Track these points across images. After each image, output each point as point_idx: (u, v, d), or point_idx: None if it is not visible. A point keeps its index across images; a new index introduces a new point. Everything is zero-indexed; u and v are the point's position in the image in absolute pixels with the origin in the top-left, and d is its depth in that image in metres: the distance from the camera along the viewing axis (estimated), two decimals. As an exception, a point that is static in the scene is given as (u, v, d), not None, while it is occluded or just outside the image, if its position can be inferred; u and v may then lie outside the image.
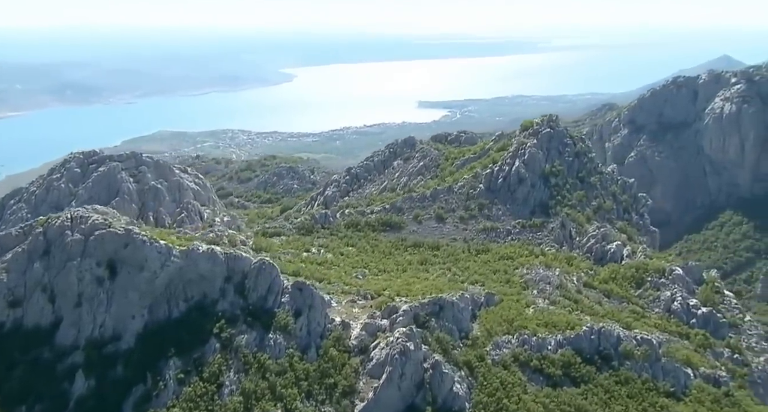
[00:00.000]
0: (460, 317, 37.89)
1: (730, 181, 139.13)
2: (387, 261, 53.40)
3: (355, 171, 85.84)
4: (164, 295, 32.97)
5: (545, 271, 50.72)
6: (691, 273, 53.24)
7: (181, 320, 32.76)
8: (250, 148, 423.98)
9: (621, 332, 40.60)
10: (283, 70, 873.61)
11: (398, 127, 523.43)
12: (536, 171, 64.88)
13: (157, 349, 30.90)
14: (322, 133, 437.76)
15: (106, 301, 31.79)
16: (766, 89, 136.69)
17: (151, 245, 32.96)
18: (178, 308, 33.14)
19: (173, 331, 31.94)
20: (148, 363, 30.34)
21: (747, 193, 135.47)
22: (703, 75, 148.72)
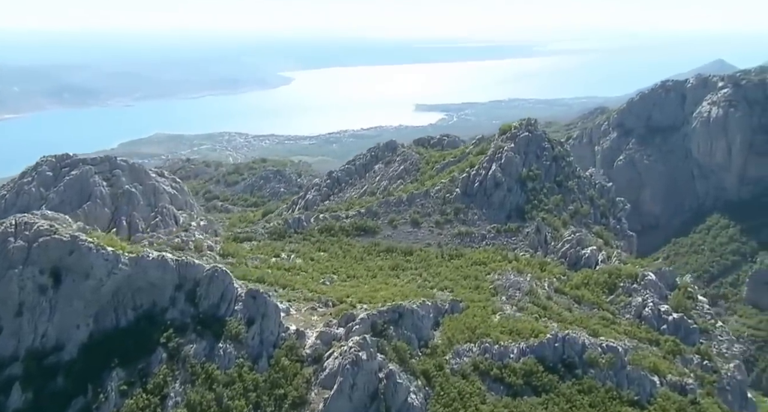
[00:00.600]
0: (420, 325, 37.25)
1: (717, 184, 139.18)
2: (357, 267, 52.77)
3: (336, 175, 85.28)
4: (111, 303, 32.27)
5: (516, 277, 50.15)
6: (665, 278, 52.65)
7: (128, 329, 32.05)
8: (246, 151, 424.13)
9: (587, 340, 39.97)
10: (281, 73, 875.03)
11: (395, 130, 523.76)
12: (513, 175, 64.37)
13: (101, 359, 30.16)
14: (320, 136, 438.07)
15: (49, 310, 31.05)
16: (752, 94, 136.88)
17: (98, 252, 32.27)
18: (126, 317, 32.46)
19: (119, 341, 31.22)
20: (90, 374, 29.62)
21: (734, 197, 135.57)
22: (691, 79, 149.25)
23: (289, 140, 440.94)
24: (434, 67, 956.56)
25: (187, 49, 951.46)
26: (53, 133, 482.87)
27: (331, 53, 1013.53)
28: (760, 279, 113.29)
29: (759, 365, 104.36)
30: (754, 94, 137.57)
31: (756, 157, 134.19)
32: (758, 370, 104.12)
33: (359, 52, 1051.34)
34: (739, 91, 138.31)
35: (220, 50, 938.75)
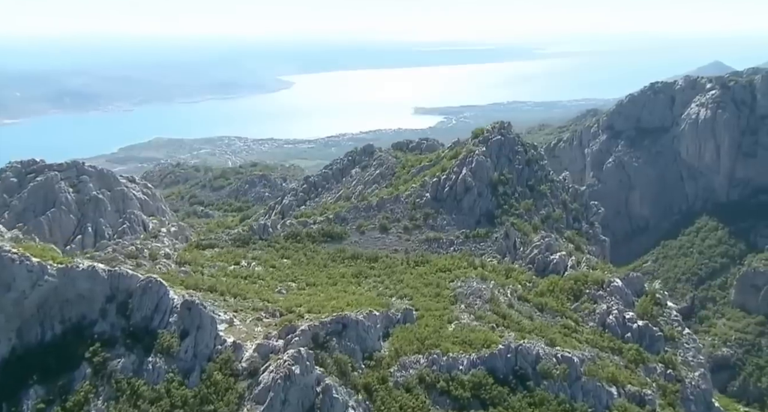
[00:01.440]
0: (364, 336, 36.17)
1: (706, 186, 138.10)
2: (319, 274, 51.76)
3: (313, 180, 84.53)
4: (36, 317, 31.28)
5: (479, 284, 49.08)
6: (632, 285, 51.57)
7: (53, 343, 31.04)
8: (245, 155, 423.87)
9: (542, 350, 38.87)
10: (281, 77, 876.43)
11: (393, 134, 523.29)
12: (484, 179, 63.34)
13: (20, 376, 29.15)
14: (318, 140, 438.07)
15: (-33, 324, 30.13)
16: (740, 95, 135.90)
17: (21, 263, 31.28)
18: (52, 331, 31.44)
19: (41, 356, 30.18)
20: (6, 393, 28.60)
21: (723, 199, 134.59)
22: (680, 81, 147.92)
23: (288, 144, 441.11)
24: (434, 70, 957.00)
25: (187, 53, 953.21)
26: (54, 138, 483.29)
27: (331, 57, 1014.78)
28: (747, 282, 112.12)
29: (746, 369, 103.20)
30: (742, 96, 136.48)
31: (744, 159, 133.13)
32: (745, 374, 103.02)
33: (359, 55, 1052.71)
34: (727, 93, 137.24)
35: (219, 55, 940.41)
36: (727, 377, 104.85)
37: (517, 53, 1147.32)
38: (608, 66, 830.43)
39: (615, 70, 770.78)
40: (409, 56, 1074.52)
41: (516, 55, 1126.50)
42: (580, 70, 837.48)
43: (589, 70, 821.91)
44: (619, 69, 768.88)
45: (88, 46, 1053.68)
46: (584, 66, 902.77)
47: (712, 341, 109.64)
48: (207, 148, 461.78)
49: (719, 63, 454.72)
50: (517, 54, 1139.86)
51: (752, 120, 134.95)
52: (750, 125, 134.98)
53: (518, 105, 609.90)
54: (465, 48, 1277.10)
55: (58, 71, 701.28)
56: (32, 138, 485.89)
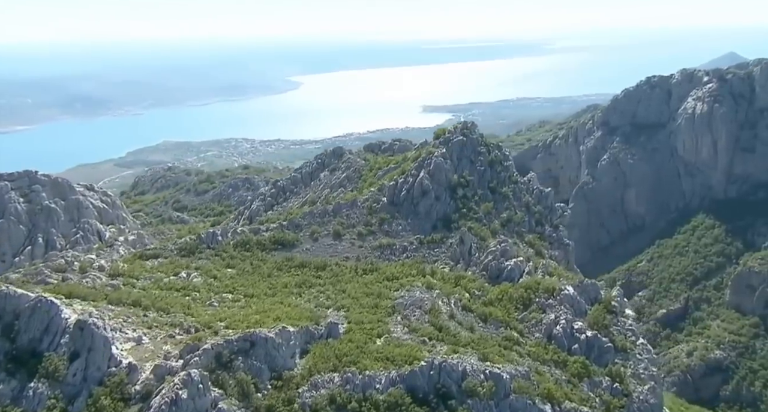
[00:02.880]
0: (274, 354, 34.24)
1: (703, 183, 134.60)
2: (260, 284, 49.91)
3: (281, 184, 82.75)
4: None
5: (423, 293, 46.91)
6: (586, 292, 49.06)
7: (-72, 368, 29.58)
8: (252, 157, 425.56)
9: (470, 366, 36.65)
10: (289, 78, 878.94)
11: (401, 132, 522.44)
12: (442, 182, 61.09)
13: None
14: (325, 140, 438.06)
15: None
16: (738, 88, 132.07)
17: None
18: (-71, 355, 30.02)
19: None
20: None
21: (721, 195, 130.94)
22: (677, 74, 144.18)
23: (294, 145, 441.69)
24: (442, 68, 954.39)
25: (195, 56, 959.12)
26: (65, 143, 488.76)
27: (339, 57, 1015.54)
28: (742, 282, 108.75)
29: (739, 373, 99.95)
30: (740, 89, 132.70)
31: (742, 154, 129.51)
32: (738, 378, 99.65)
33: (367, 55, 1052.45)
34: (724, 86, 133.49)
35: (227, 57, 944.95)
36: (720, 380, 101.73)
37: (526, 49, 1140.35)
38: (620, 60, 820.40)
39: (627, 64, 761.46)
40: (417, 54, 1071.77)
41: (525, 51, 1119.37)
42: (590, 66, 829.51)
43: (600, 65, 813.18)
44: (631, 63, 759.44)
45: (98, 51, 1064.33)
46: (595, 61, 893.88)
47: (705, 344, 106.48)
48: (214, 151, 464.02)
49: (734, 54, 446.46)
50: (526, 50, 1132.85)
51: (751, 113, 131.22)
52: (749, 119, 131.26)
53: (527, 101, 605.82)
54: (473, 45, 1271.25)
55: (68, 77, 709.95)
56: (43, 144, 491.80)
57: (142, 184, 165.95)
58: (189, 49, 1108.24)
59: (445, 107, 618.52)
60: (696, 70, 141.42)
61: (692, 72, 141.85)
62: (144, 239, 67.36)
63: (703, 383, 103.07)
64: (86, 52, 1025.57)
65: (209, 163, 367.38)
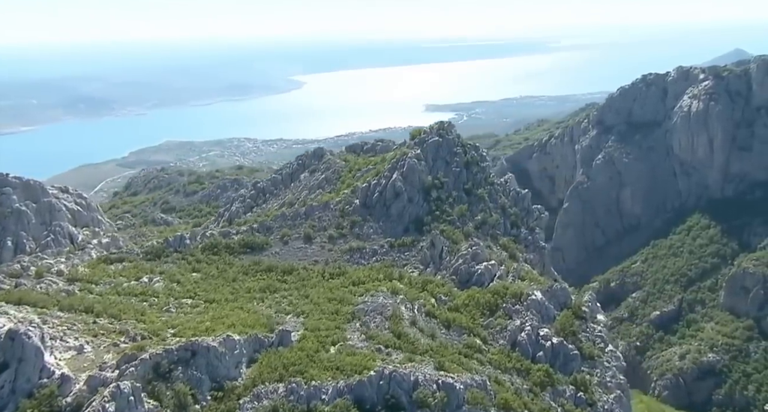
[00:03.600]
0: (216, 364, 33.12)
1: (700, 182, 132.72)
2: (224, 289, 48.88)
3: (261, 185, 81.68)
4: None
5: (387, 298, 45.70)
6: (555, 297, 47.75)
7: None
8: (254, 157, 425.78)
9: (423, 375, 35.38)
10: (292, 77, 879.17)
11: (403, 132, 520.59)
12: (415, 184, 59.85)
13: None
14: (327, 139, 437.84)
15: None
16: (734, 86, 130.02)
17: None
18: None
19: None
20: None
21: (717, 195, 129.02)
22: (672, 72, 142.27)
23: (297, 144, 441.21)
24: (446, 66, 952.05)
25: (199, 56, 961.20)
26: (69, 144, 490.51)
27: (343, 56, 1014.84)
28: (737, 283, 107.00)
29: (732, 377, 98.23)
30: (736, 86, 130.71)
31: (739, 153, 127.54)
32: (731, 381, 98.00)
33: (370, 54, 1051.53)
34: (720, 84, 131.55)
35: (231, 57, 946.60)
36: (713, 384, 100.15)
37: (530, 47, 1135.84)
38: (625, 58, 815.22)
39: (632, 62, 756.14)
40: (421, 53, 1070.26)
41: (529, 49, 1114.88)
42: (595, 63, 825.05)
43: (605, 62, 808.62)
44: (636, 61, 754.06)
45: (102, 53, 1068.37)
46: (600, 59, 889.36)
47: (698, 347, 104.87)
48: (216, 151, 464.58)
49: (740, 51, 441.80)
50: (531, 48, 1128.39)
51: (747, 111, 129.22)
52: (745, 117, 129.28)
53: (530, 100, 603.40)
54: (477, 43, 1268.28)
55: (72, 78, 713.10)
56: (46, 144, 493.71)
57: (135, 184, 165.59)
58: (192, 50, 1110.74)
59: (448, 106, 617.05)
60: (692, 68, 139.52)
61: (688, 69, 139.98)
62: (119, 242, 66.44)
63: (695, 386, 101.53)
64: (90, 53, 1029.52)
65: (211, 163, 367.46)
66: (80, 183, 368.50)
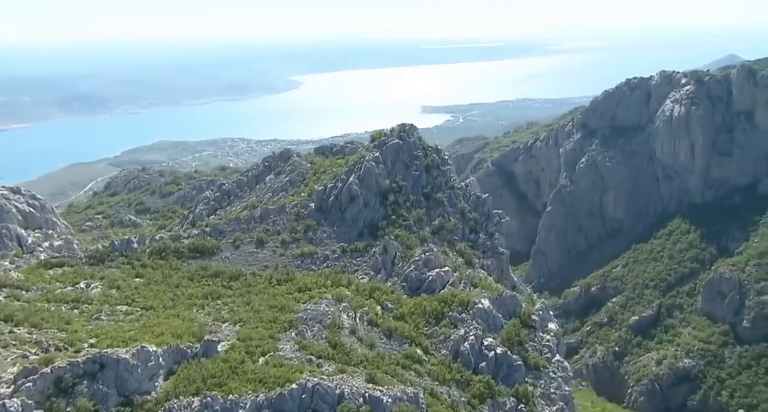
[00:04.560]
0: (127, 377, 31.74)
1: (681, 187, 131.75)
2: (164, 296, 47.42)
3: (226, 187, 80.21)
4: None
5: (330, 306, 44.35)
6: (505, 305, 46.43)
7: None
8: (248, 157, 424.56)
9: (350, 388, 34.06)
10: (290, 77, 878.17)
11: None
12: (372, 188, 58.46)
13: None
14: (322, 140, 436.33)
15: None
16: (715, 90, 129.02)
17: None
18: None
19: None
20: None
21: (698, 200, 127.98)
22: (656, 76, 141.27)
23: (291, 145, 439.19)
24: (445, 68, 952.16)
25: (196, 55, 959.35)
26: (61, 142, 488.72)
27: (341, 57, 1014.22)
28: (713, 288, 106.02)
29: (706, 382, 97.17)
30: (718, 91, 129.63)
31: (719, 158, 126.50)
32: (706, 387, 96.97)
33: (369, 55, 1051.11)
34: (702, 88, 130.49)
35: (229, 56, 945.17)
36: (688, 390, 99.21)
37: (530, 50, 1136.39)
38: (623, 61, 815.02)
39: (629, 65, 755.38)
40: (420, 54, 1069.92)
41: (529, 51, 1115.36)
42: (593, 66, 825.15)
43: (603, 65, 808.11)
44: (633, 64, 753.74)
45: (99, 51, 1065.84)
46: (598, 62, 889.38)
47: (674, 352, 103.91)
48: (209, 151, 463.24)
49: (734, 56, 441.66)
50: (531, 50, 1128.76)
51: (728, 117, 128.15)
52: (726, 122, 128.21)
53: (527, 102, 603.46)
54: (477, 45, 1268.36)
55: (67, 76, 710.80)
56: (38, 142, 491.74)
57: (116, 185, 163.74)
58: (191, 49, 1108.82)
59: (444, 108, 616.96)
60: (674, 72, 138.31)
61: (671, 74, 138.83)
62: (72, 245, 65.02)
63: (671, 392, 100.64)
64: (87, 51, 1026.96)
65: (204, 163, 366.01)
66: (71, 182, 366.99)
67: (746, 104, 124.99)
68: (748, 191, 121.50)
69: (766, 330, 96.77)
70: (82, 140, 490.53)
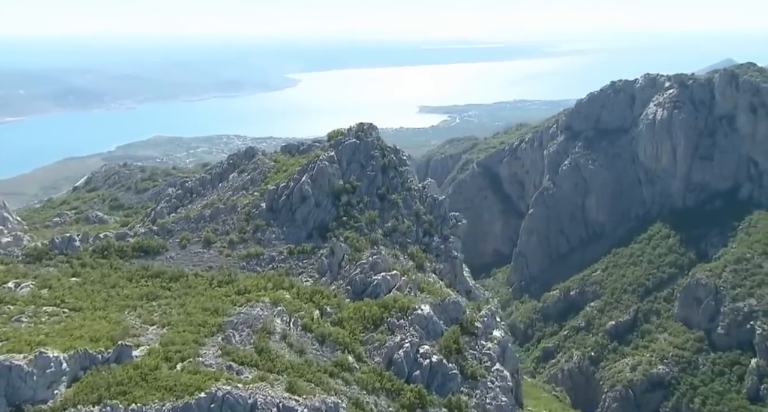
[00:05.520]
0: (20, 385, 30.25)
1: (663, 191, 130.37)
2: (97, 296, 45.92)
3: (189, 184, 78.68)
4: None
5: (265, 310, 42.87)
6: (447, 311, 45.00)
7: None
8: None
9: (263, 398, 32.59)
10: (288, 75, 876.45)
11: (394, 133, 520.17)
12: (325, 188, 57.01)
13: None
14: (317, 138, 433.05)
15: None
16: (698, 94, 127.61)
17: None
18: None
19: None
20: None
21: (679, 204, 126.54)
22: (640, 78, 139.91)
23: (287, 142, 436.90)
24: (443, 68, 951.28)
25: (193, 51, 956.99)
26: (53, 136, 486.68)
27: (340, 55, 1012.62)
28: (690, 294, 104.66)
29: (680, 389, 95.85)
30: (701, 95, 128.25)
31: (701, 162, 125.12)
32: (678, 394, 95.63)
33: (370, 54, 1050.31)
34: (685, 92, 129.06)
35: (226, 53, 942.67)
36: (661, 396, 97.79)
37: (529, 51, 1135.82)
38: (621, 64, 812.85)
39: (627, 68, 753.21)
40: (418, 54, 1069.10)
41: (528, 53, 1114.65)
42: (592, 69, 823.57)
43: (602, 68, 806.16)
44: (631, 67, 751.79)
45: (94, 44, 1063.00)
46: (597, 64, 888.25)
47: (649, 358, 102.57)
48: (204, 147, 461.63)
49: (731, 61, 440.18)
50: (529, 52, 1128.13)
51: (710, 121, 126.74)
52: (708, 126, 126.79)
53: (524, 104, 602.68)
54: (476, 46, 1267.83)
55: (62, 70, 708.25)
56: (32, 136, 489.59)
57: (96, 180, 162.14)
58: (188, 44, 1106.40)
59: (441, 108, 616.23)
60: (659, 75, 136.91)
61: (655, 77, 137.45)
62: (22, 242, 63.36)
63: (644, 398, 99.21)
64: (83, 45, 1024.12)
65: (198, 159, 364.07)
66: (63, 177, 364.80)
67: (728, 108, 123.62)
68: (728, 196, 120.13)
69: (739, 337, 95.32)
70: (77, 135, 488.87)
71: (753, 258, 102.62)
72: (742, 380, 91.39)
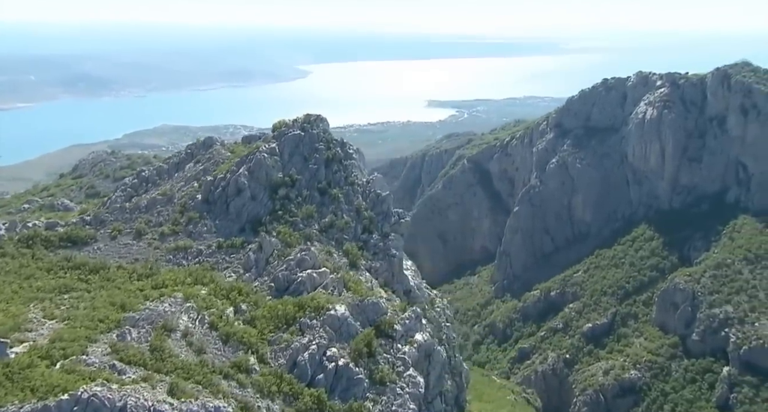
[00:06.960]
0: None
1: (650, 192, 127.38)
2: (6, 288, 44.37)
3: (145, 174, 76.98)
4: None
5: (173, 306, 41.15)
6: (365, 312, 43.02)
7: None
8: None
9: (134, 400, 30.80)
10: (298, 66, 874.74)
11: (402, 126, 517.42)
12: (262, 180, 55.09)
13: None
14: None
15: None
16: (689, 94, 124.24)
17: None
18: None
19: None
20: None
21: (665, 206, 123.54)
22: (632, 76, 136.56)
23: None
24: (455, 62, 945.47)
25: (203, 40, 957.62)
26: (62, 122, 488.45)
27: (351, 47, 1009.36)
28: (668, 299, 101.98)
29: (650, 395, 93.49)
30: (692, 95, 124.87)
31: (689, 163, 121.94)
32: (649, 400, 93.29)
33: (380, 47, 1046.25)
34: (676, 91, 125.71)
35: (237, 43, 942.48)
36: (632, 402, 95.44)
37: (540, 48, 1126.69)
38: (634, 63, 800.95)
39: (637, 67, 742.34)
40: (429, 48, 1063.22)
41: (539, 49, 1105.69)
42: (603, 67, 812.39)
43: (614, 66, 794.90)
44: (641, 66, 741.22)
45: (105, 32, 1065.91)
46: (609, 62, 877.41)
47: (622, 363, 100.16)
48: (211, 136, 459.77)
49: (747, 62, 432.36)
50: (541, 49, 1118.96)
51: (701, 122, 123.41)
52: (698, 127, 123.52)
53: (534, 100, 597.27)
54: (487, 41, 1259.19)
55: (73, 56, 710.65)
56: (41, 122, 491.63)
57: (83, 167, 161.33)
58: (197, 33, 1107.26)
59: (449, 102, 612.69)
60: (650, 74, 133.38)
61: (647, 75, 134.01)
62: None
63: (614, 404, 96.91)
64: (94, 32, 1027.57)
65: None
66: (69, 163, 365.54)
67: (720, 109, 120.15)
68: (715, 199, 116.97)
69: (713, 344, 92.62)
70: (85, 122, 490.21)
71: (733, 264, 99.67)
72: (713, 388, 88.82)
